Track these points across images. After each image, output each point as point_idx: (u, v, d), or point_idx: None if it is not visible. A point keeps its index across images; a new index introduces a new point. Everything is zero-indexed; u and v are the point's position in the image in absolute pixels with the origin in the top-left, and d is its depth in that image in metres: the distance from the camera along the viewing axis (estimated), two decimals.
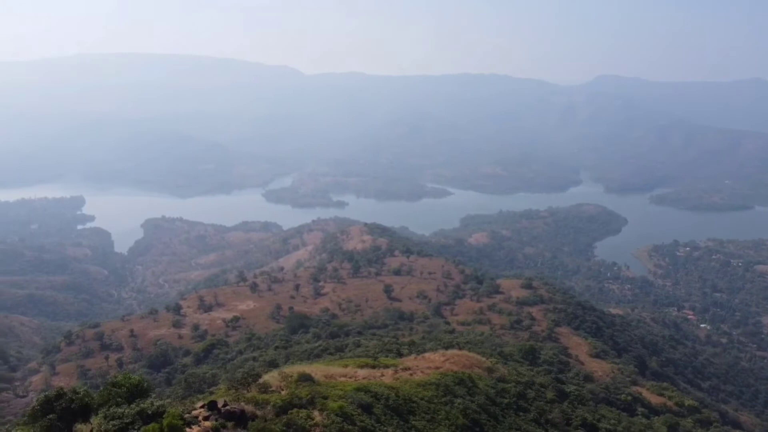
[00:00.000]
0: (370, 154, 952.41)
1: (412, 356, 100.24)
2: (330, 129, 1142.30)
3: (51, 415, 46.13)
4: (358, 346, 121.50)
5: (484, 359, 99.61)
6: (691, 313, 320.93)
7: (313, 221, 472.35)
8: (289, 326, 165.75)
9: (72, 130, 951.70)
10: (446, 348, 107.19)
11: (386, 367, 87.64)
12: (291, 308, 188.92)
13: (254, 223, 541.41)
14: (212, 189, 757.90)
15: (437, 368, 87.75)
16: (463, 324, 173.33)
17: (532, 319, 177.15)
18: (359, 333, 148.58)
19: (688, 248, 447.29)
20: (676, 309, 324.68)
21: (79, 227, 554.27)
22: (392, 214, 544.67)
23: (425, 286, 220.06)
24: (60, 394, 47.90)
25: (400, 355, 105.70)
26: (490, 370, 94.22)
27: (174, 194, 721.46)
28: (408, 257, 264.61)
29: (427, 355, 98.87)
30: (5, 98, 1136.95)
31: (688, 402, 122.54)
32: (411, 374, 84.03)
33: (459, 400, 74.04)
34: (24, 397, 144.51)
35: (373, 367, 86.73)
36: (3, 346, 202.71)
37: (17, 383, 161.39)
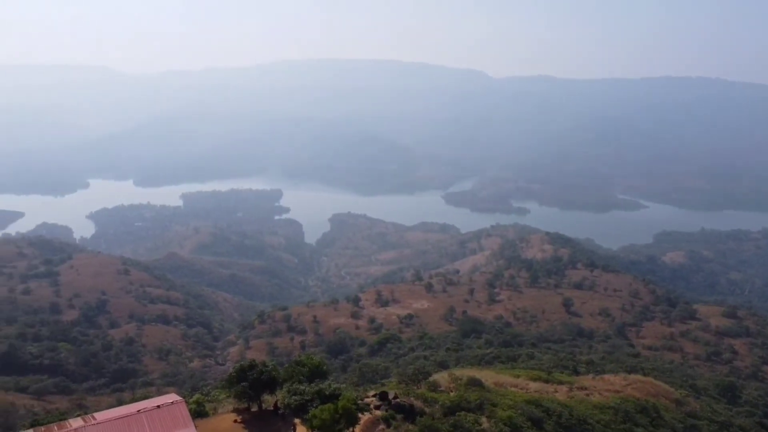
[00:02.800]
0: (556, 160, 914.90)
1: (590, 376, 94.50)
2: (515, 133, 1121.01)
3: (244, 383, 51.19)
4: (532, 358, 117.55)
5: (672, 389, 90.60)
6: None
7: (492, 226, 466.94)
8: (462, 329, 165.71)
9: (275, 130, 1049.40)
10: (629, 372, 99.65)
11: (560, 383, 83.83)
12: (464, 312, 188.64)
13: (433, 224, 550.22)
14: (395, 189, 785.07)
15: (617, 392, 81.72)
16: (649, 348, 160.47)
17: (734, 352, 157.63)
18: (533, 345, 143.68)
19: None
20: None
21: (276, 218, 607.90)
22: (576, 225, 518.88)
23: (609, 303, 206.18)
24: (252, 366, 52.76)
25: (576, 372, 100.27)
26: (678, 403, 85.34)
27: (359, 192, 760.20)
28: (591, 271, 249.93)
29: (606, 376, 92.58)
30: (222, 100, 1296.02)
31: None
32: (587, 394, 79.31)
33: (640, 430, 67.95)
34: (222, 365, 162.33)
35: (546, 381, 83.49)
36: (209, 318, 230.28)
37: (218, 352, 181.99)
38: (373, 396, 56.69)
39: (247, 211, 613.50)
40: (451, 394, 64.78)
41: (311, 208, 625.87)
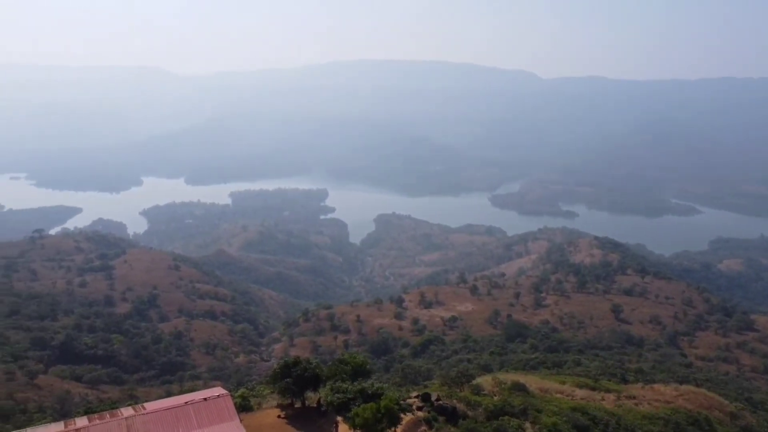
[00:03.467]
0: (607, 163, 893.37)
1: (639, 385, 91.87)
2: (564, 135, 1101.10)
3: (288, 379, 51.80)
4: (578, 364, 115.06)
5: (726, 402, 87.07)
6: None
7: (539, 230, 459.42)
8: (506, 333, 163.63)
9: (322, 130, 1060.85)
10: (680, 383, 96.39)
11: (608, 391, 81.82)
12: (509, 316, 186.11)
13: (478, 226, 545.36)
14: (440, 190, 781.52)
15: (668, 403, 79.11)
16: (702, 359, 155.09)
17: None
18: (580, 351, 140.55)
19: None
20: None
21: (322, 217, 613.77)
22: (627, 230, 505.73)
23: (660, 311, 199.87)
24: (296, 363, 53.33)
25: (624, 381, 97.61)
26: (733, 416, 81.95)
27: (404, 193, 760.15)
28: (642, 277, 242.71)
29: (656, 386, 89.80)
30: (272, 101, 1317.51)
31: None
32: (636, 404, 77.15)
33: None
34: (267, 361, 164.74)
35: (593, 389, 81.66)
36: (255, 314, 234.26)
37: (263, 348, 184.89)
38: (416, 397, 56.49)
39: (293, 210, 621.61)
40: (495, 398, 63.98)
41: (356, 208, 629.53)
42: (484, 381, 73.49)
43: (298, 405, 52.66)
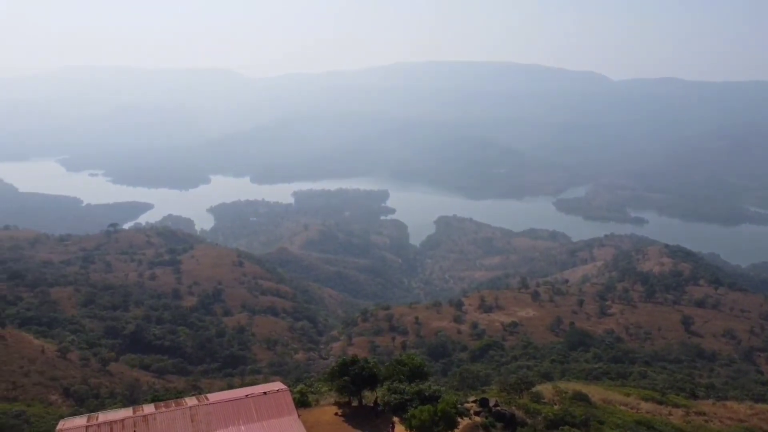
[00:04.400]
0: (680, 168, 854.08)
1: (710, 401, 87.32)
2: (635, 139, 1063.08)
3: (345, 378, 52.07)
4: (644, 377, 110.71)
5: None
6: None
7: (606, 236, 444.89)
8: (569, 341, 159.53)
9: (385, 131, 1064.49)
10: (756, 401, 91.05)
11: (676, 406, 78.23)
12: (572, 323, 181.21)
13: (542, 231, 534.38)
14: (503, 193, 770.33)
15: (741, 421, 74.82)
16: None
17: None
18: (647, 363, 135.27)
19: None
20: None
21: (382, 218, 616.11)
22: (700, 238, 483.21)
23: (735, 324, 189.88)
24: (354, 361, 53.54)
25: (694, 396, 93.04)
26: None
27: (466, 195, 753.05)
28: (716, 289, 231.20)
29: (729, 403, 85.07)
30: (337, 103, 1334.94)
31: None
32: (706, 420, 73.37)
33: None
34: (325, 359, 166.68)
35: (660, 402, 78.28)
36: (315, 312, 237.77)
37: (321, 346, 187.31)
38: (473, 401, 55.68)
39: (354, 211, 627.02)
40: (555, 407, 62.35)
41: (417, 209, 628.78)
42: (545, 389, 71.75)
43: (355, 403, 52.88)
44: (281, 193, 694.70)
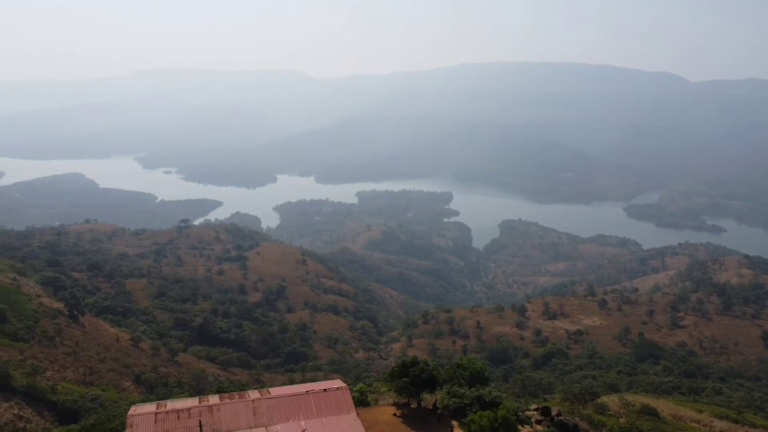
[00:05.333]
0: (763, 174, 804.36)
1: None
2: (713, 143, 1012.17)
3: (405, 379, 51.92)
4: (719, 393, 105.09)
5: None
6: None
7: (680, 244, 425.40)
8: (637, 353, 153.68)
9: (450, 133, 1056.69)
10: None
11: (753, 426, 73.81)
12: (641, 334, 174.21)
13: (611, 237, 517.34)
14: (571, 198, 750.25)
15: None
16: None
17: None
18: (722, 379, 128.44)
19: None
20: None
21: (445, 220, 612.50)
22: None
23: None
24: (414, 363, 53.30)
25: None
26: None
27: (532, 199, 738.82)
28: None
29: None
30: (403, 103, 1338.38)
31: None
32: None
33: None
34: (385, 359, 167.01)
35: (736, 421, 74.10)
36: (376, 312, 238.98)
37: (382, 346, 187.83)
38: (535, 410, 54.35)
39: (417, 212, 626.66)
40: (621, 419, 60.04)
41: (481, 212, 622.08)
42: (610, 401, 69.27)
43: (414, 405, 52.62)
44: (345, 193, 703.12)
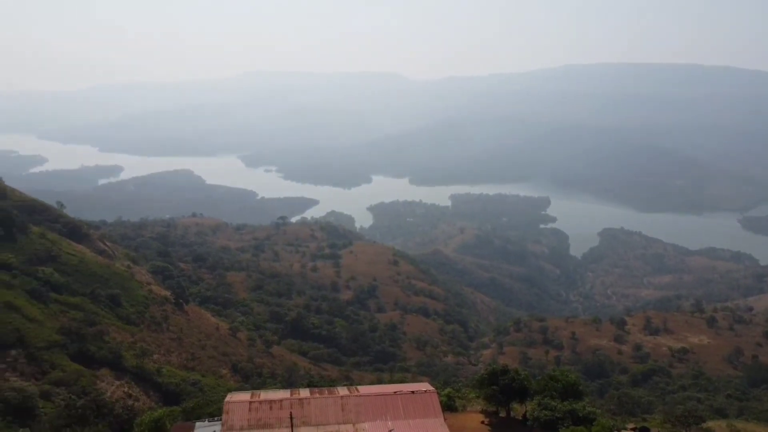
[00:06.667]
0: None
1: None
2: None
3: (495, 387, 50.80)
4: None
5: None
6: None
7: None
8: (749, 376, 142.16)
9: (550, 136, 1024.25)
10: None
11: None
12: (755, 356, 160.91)
13: (723, 250, 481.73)
14: (679, 207, 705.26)
15: None
16: None
17: None
18: None
19: None
20: None
21: (541, 226, 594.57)
22: None
23: None
24: (505, 371, 52.06)
25: None
26: None
27: (635, 207, 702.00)
28: None
29: None
30: (501, 105, 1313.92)
31: None
32: None
33: None
34: (475, 365, 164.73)
35: None
36: (466, 317, 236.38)
37: (471, 352, 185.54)
38: (632, 429, 51.57)
39: (511, 217, 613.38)
40: None
41: (580, 219, 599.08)
42: (717, 426, 64.45)
43: (502, 414, 51.40)
44: (439, 195, 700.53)
